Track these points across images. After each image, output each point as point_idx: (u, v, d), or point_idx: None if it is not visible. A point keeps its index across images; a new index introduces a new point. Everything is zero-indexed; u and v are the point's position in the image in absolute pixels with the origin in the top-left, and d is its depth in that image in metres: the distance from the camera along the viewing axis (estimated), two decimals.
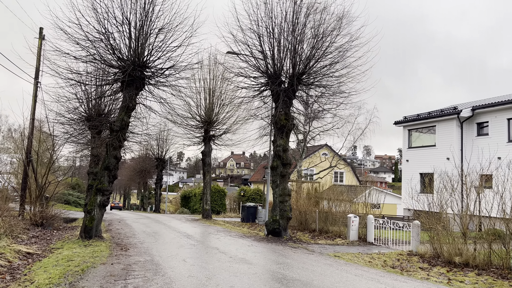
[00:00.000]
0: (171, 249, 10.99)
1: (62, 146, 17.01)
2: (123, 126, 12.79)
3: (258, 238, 14.36)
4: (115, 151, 12.77)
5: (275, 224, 14.21)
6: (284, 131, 14.42)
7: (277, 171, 14.54)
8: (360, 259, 11.59)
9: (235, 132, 24.19)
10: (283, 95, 14.00)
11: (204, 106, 23.92)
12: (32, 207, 16.50)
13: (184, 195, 45.92)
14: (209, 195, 24.37)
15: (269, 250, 11.53)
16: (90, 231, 12.14)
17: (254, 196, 39.26)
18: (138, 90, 13.29)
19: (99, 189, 12.43)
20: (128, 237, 13.68)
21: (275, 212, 14.39)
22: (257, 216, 25.31)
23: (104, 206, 12.60)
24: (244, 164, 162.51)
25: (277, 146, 14.52)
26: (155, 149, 42.31)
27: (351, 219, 15.87)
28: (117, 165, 12.88)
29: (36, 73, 18.36)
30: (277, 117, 14.39)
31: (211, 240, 13.49)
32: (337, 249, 13.24)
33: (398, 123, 30.41)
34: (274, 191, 14.53)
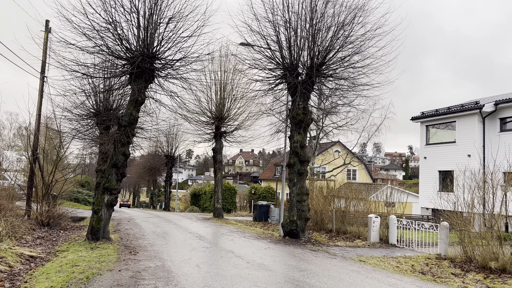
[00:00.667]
0: (183, 253, 10.23)
1: (69, 143, 16.36)
2: (131, 121, 12.06)
3: (274, 240, 13.55)
4: (123, 148, 12.05)
5: (292, 225, 13.38)
6: (301, 126, 13.57)
7: (294, 168, 13.70)
8: (386, 263, 10.73)
9: (248, 129, 23.38)
10: (301, 88, 13.14)
11: (215, 101, 23.14)
12: (38, 206, 15.90)
13: (194, 193, 45.34)
14: (221, 194, 23.62)
15: (288, 254, 10.71)
16: (97, 232, 11.44)
17: (265, 194, 38.50)
18: (147, 83, 12.54)
19: (107, 187, 11.73)
20: (137, 238, 12.97)
21: (292, 212, 13.56)
22: (270, 215, 24.55)
23: (112, 206, 11.89)
24: (253, 161, 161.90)
25: (294, 142, 13.67)
26: (165, 146, 41.73)
27: (372, 219, 14.98)
28: (125, 162, 12.16)
29: (42, 67, 17.73)
30: (294, 112, 13.54)
31: (225, 242, 12.72)
32: (359, 252, 12.38)
33: (415, 118, 29.30)
34: (291, 190, 13.70)
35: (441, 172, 27.31)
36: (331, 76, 13.59)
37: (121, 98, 16.57)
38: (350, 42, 13.12)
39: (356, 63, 13.14)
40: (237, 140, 24.51)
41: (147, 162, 50.95)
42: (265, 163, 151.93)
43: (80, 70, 11.96)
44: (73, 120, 16.81)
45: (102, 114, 14.05)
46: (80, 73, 11.86)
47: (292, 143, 13.80)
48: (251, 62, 14.29)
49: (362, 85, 13.07)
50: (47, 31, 17.73)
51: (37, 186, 16.86)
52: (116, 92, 14.58)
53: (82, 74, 11.87)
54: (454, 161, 25.59)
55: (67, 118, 16.73)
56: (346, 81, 13.60)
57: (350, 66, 13.09)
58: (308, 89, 13.58)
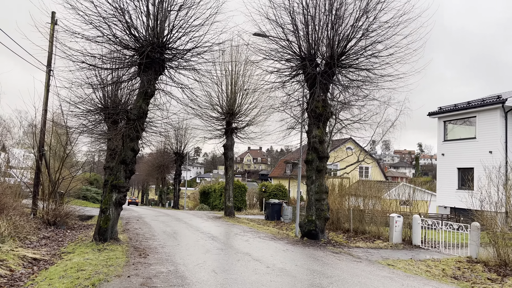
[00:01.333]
0: (197, 255, 9.50)
1: (76, 139, 15.73)
2: (140, 115, 11.34)
3: (292, 241, 12.76)
4: (132, 143, 11.35)
5: (311, 225, 12.58)
6: (321, 120, 12.75)
7: (312, 165, 12.89)
8: (415, 267, 9.90)
9: (262, 124, 22.58)
10: (320, 79, 12.31)
11: (226, 96, 22.38)
12: (45, 205, 15.30)
13: (203, 190, 44.71)
14: (232, 192, 22.89)
15: (309, 257, 9.92)
16: (104, 232, 10.76)
17: (276, 192, 37.69)
18: (157, 75, 11.81)
19: (115, 185, 11.03)
20: (147, 239, 12.28)
21: (310, 212, 12.76)
22: (283, 214, 23.78)
23: (121, 205, 11.20)
24: (261, 159, 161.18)
25: (313, 137, 12.85)
26: (174, 143, 41.12)
27: (394, 219, 14.11)
28: (134, 158, 11.46)
29: (49, 60, 17.11)
30: (313, 105, 12.72)
31: (240, 243, 11.97)
32: (383, 254, 11.55)
33: (433, 114, 28.25)
34: (309, 188, 12.90)
35: (460, 170, 26.26)
36: (352, 67, 12.74)
37: (129, 93, 15.92)
38: (372, 30, 12.25)
39: (379, 52, 12.26)
40: (248, 137, 23.77)
41: (156, 159, 50.47)
42: (274, 161, 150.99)
43: (87, 61, 11.26)
44: (81, 115, 16.21)
45: (110, 109, 13.37)
46: (87, 63, 11.16)
47: (310, 138, 12.99)
48: (265, 53, 13.49)
49: (386, 76, 12.19)
50: (53, 23, 17.08)
51: (44, 183, 16.28)
52: (124, 85, 13.91)
53: (89, 65, 11.17)
54: (474, 158, 24.56)
55: (74, 114, 16.12)
56: (368, 72, 12.74)
57: (373, 55, 12.22)
58: (327, 81, 12.74)
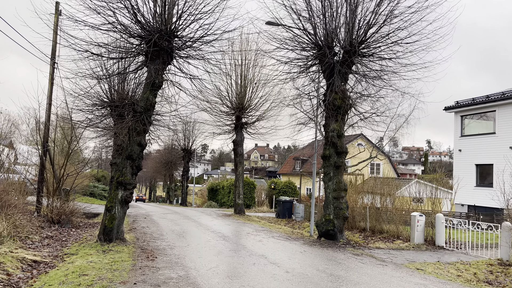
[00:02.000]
0: (209, 258, 8.79)
1: (81, 134, 15.09)
2: (147, 107, 10.64)
3: (308, 241, 12.00)
4: (139, 137, 10.65)
5: (328, 225, 11.81)
6: (339, 113, 11.94)
7: (330, 161, 12.10)
8: (446, 271, 9.10)
9: (273, 119, 21.76)
10: (340, 68, 11.50)
11: (235, 90, 21.62)
12: (49, 202, 14.72)
13: (211, 187, 44.09)
14: (242, 189, 22.16)
15: (330, 261, 9.16)
16: (110, 232, 10.10)
17: (286, 189, 36.96)
18: (165, 65, 11.09)
19: (121, 182, 10.36)
20: (155, 238, 11.61)
21: (328, 210, 11.98)
22: (294, 211, 23.04)
23: (127, 203, 10.53)
24: (268, 156, 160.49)
25: (330, 132, 12.05)
26: (181, 139, 40.51)
27: (416, 218, 13.28)
28: (141, 153, 10.77)
29: (53, 53, 16.51)
30: (331, 96, 11.92)
31: (253, 243, 11.24)
32: (407, 256, 10.76)
33: (449, 108, 27.23)
34: (326, 185, 12.12)
35: (479, 166, 25.27)
36: (373, 56, 11.90)
37: (136, 86, 15.24)
38: (395, 15, 11.39)
39: (402, 40, 11.39)
40: (258, 132, 22.97)
41: (163, 156, 49.94)
42: (281, 158, 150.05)
43: (91, 50, 10.57)
44: (86, 110, 15.56)
45: (116, 101, 12.69)
46: (90, 52, 10.47)
47: (327, 132, 12.19)
48: (279, 41, 12.68)
49: (410, 65, 11.33)
50: (57, 14, 16.43)
51: (48, 180, 15.70)
52: (131, 77, 13.20)
53: (92, 54, 10.47)
54: (493, 154, 23.59)
55: (80, 109, 15.48)
56: (390, 61, 11.89)
57: (396, 43, 11.36)
58: (345, 71, 11.93)
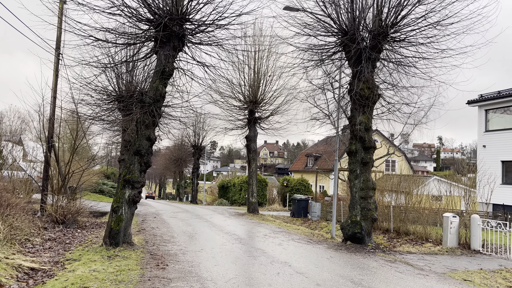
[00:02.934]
0: (226, 265, 7.81)
1: (88, 127, 14.18)
2: (157, 98, 9.67)
3: (332, 245, 10.96)
4: (148, 131, 9.70)
5: (355, 227, 10.74)
6: (367, 104, 10.85)
7: (356, 157, 11.02)
8: (494, 281, 8.02)
9: (287, 114, 20.70)
10: (368, 54, 10.40)
11: (248, 82, 20.58)
12: (53, 201, 13.90)
13: (222, 184, 43.19)
14: (255, 186, 21.16)
15: (362, 269, 8.11)
16: (116, 236, 9.18)
17: (299, 187, 35.87)
18: (176, 51, 10.10)
19: (128, 180, 9.42)
20: (165, 241, 10.67)
21: (354, 211, 10.91)
22: (310, 210, 21.99)
23: (135, 203, 9.60)
24: (278, 153, 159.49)
25: (357, 125, 10.96)
26: (191, 136, 39.65)
27: (449, 219, 12.14)
28: (150, 148, 9.82)
29: (57, 43, 15.63)
30: (358, 86, 10.83)
31: (273, 247, 10.23)
32: (445, 263, 9.66)
33: (472, 102, 25.84)
34: (352, 183, 11.05)
35: (505, 163, 23.91)
36: (404, 41, 10.76)
37: (144, 77, 14.33)
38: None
39: (438, 22, 10.23)
40: (273, 127, 21.93)
41: (173, 152, 49.23)
42: (290, 155, 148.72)
43: (95, 35, 9.62)
44: (93, 104, 14.68)
45: (124, 92, 11.76)
46: (95, 38, 9.51)
47: (353, 125, 11.10)
48: (298, 28, 11.60)
49: (448, 50, 10.17)
50: (62, 1, 15.57)
51: (52, 178, 14.88)
52: (138, 66, 12.23)
53: (97, 40, 9.52)
54: None
55: (86, 102, 14.60)
56: (422, 46, 10.74)
57: (431, 26, 10.21)
58: (373, 58, 10.82)
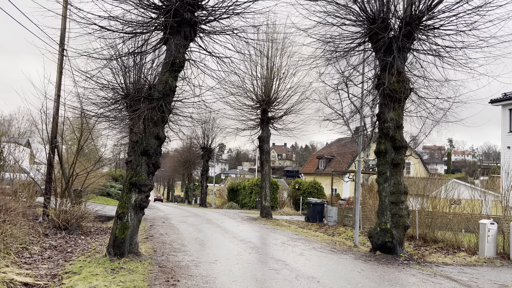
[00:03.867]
0: (246, 283, 6.81)
1: (93, 126, 13.29)
2: (166, 92, 8.73)
3: (359, 255, 9.89)
4: (157, 128, 8.77)
5: (385, 236, 9.67)
6: (398, 99, 9.79)
7: (385, 158, 9.96)
8: None
9: (302, 113, 19.71)
10: (398, 45, 9.36)
11: (261, 80, 19.61)
12: (56, 205, 13.04)
13: (231, 187, 42.23)
14: (269, 189, 20.16)
15: (402, 286, 7.05)
16: (121, 245, 8.24)
17: (311, 190, 34.72)
18: (188, 41, 9.18)
19: (134, 183, 8.49)
20: (175, 250, 9.71)
21: (384, 218, 9.84)
22: (326, 215, 20.90)
23: (142, 208, 8.66)
24: (286, 155, 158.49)
25: (386, 122, 9.92)
26: (201, 137, 38.79)
27: (486, 227, 11.01)
28: (159, 148, 8.89)
29: (61, 38, 14.81)
30: (387, 80, 9.79)
31: (294, 258, 9.20)
32: (488, 276, 8.56)
33: (495, 101, 24.56)
34: (381, 187, 9.99)
35: None
36: (439, 28, 9.70)
37: (152, 74, 13.44)
38: None
39: (478, 9, 9.16)
40: (287, 127, 20.91)
41: (181, 155, 48.46)
42: (299, 157, 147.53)
43: (99, 23, 8.72)
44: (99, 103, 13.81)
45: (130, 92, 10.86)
46: (99, 26, 8.62)
47: (382, 123, 10.06)
48: (318, 16, 10.59)
49: (491, 38, 9.08)
50: None
51: (56, 180, 14.05)
52: (147, 60, 11.32)
53: (101, 28, 8.62)
54: None
55: (91, 102, 13.73)
56: (459, 36, 9.67)
57: (473, 11, 9.14)
58: (404, 49, 9.78)
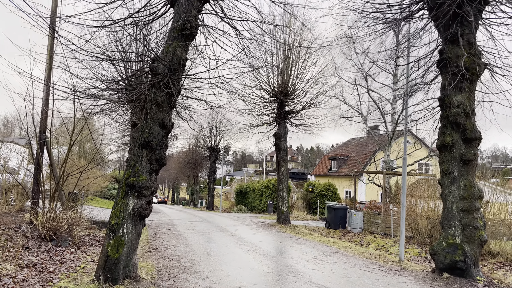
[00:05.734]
0: None
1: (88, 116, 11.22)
2: (174, 66, 6.67)
3: (420, 277, 7.75)
4: (162, 114, 6.71)
5: (455, 253, 7.52)
6: (472, 78, 7.67)
7: (452, 153, 7.83)
8: None
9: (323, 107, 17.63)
10: (467, 10, 7.26)
11: (278, 70, 17.53)
12: (44, 211, 11.02)
13: (239, 189, 40.13)
14: (286, 192, 18.03)
15: None
16: (114, 268, 6.16)
17: (325, 192, 32.61)
18: (201, 2, 7.13)
19: (132, 185, 6.42)
20: (185, 270, 7.63)
21: (451, 230, 7.70)
22: (349, 221, 18.77)
23: (142, 218, 6.57)
24: (292, 157, 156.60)
25: (453, 107, 7.80)
26: (207, 137, 36.78)
27: None
28: (164, 139, 6.82)
29: (52, 18, 12.87)
30: (452, 53, 7.69)
31: (340, 282, 7.08)
32: None
33: None
34: (447, 189, 7.85)
35: None
36: None
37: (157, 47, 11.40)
38: None
39: None
40: (306, 123, 18.78)
41: (187, 155, 46.47)
42: (304, 159, 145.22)
43: None
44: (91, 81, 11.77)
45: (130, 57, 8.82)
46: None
47: (446, 108, 7.93)
48: None
49: None
50: None
51: (44, 182, 12.03)
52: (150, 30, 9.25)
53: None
54: None
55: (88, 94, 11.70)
56: None
57: None
58: (477, 11, 7.67)
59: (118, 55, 8.96)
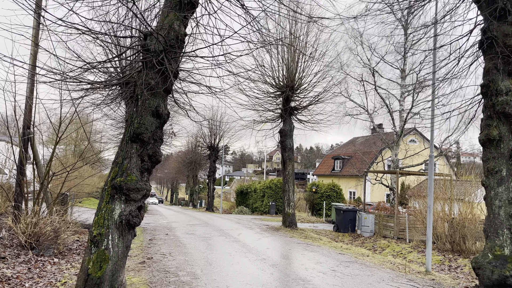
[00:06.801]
0: None
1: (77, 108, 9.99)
2: (171, 42, 5.49)
3: None
4: (155, 100, 5.53)
5: (504, 267, 6.34)
6: None
7: (499, 148, 6.65)
8: None
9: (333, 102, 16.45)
10: None
11: (283, 63, 16.34)
12: (24, 215, 9.81)
13: (240, 190, 38.98)
14: (293, 193, 16.83)
15: None
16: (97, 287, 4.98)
17: (330, 193, 31.45)
18: None
19: (119, 186, 5.24)
20: (183, 286, 6.44)
21: (498, 240, 6.52)
22: (359, 224, 17.62)
23: (131, 227, 5.39)
24: None
25: (500, 94, 6.63)
26: (207, 136, 35.61)
27: None
28: (159, 131, 5.63)
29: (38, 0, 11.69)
30: (498, 31, 6.53)
31: None
32: None
33: None
34: (493, 192, 6.67)
35: None
36: None
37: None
38: None
39: None
40: (314, 119, 17.60)
41: (186, 155, 45.31)
42: (304, 159, 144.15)
43: None
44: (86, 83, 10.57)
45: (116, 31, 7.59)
46: None
47: (492, 96, 6.76)
48: None
49: None
50: None
51: (26, 183, 10.83)
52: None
53: None
54: None
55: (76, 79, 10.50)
56: None
57: None
58: None
59: (103, 29, 7.79)
